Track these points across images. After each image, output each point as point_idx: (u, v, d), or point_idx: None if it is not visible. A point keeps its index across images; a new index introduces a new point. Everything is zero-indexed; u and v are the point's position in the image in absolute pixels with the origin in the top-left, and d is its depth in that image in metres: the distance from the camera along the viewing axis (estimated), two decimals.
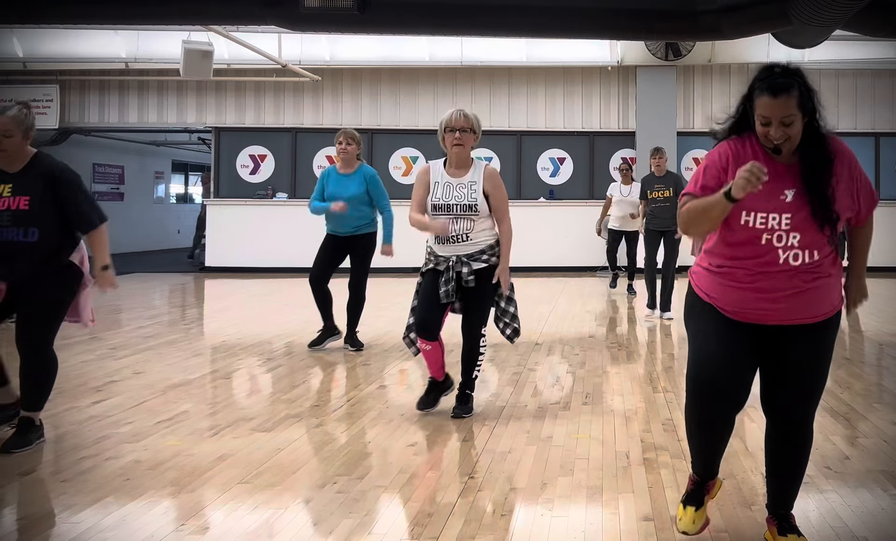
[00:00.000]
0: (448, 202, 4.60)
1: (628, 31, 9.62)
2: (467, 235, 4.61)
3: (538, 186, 14.72)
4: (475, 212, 4.60)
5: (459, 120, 4.64)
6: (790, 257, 2.67)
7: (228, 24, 10.70)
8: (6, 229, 3.91)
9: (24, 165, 4.03)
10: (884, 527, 3.12)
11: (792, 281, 2.69)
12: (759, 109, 2.66)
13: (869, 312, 9.28)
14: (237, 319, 8.90)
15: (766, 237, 2.68)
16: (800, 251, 2.67)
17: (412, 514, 3.24)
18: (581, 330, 8.10)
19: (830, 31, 9.05)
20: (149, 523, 3.14)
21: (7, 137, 3.97)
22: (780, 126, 2.63)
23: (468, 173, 4.66)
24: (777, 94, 2.62)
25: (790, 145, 2.68)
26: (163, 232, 21.01)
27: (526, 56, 14.06)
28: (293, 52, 13.51)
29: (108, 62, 14.05)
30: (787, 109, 2.62)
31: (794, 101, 2.63)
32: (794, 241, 2.67)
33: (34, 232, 3.94)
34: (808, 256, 2.68)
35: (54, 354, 4.16)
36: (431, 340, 4.62)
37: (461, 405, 4.70)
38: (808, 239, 2.67)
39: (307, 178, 14.50)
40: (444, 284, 4.57)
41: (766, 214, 2.67)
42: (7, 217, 3.91)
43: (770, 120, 2.64)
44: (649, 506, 3.32)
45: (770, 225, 2.67)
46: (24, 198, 3.93)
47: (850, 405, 4.98)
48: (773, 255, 2.68)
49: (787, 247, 2.67)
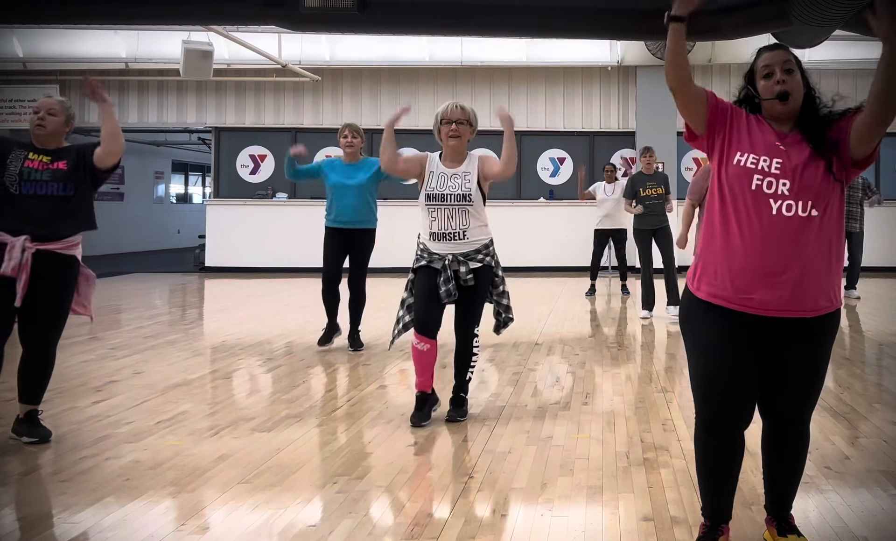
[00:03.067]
0: (442, 192, 4.55)
1: (628, 31, 9.62)
2: (463, 233, 4.54)
3: (538, 186, 14.73)
4: (469, 202, 4.53)
5: (455, 112, 4.60)
6: (783, 207, 2.62)
7: (228, 24, 10.70)
8: (47, 184, 4.14)
9: (60, 147, 4.28)
10: (884, 527, 3.12)
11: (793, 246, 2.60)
12: (760, 66, 2.78)
13: (869, 312, 9.29)
14: (237, 319, 8.90)
15: (756, 180, 2.65)
16: (792, 202, 2.62)
17: (412, 514, 3.24)
18: (581, 330, 8.10)
19: (830, 31, 9.04)
20: (149, 523, 3.14)
21: (51, 114, 4.22)
22: (783, 72, 2.73)
23: (463, 165, 4.63)
24: (774, 48, 2.81)
25: (794, 100, 2.72)
26: (163, 232, 21.03)
27: (526, 56, 14.07)
28: (293, 52, 13.51)
29: (108, 62, 14.05)
30: (786, 56, 2.76)
31: (792, 57, 2.78)
32: (784, 188, 2.63)
33: (71, 187, 4.17)
34: (801, 209, 2.62)
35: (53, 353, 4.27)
36: (430, 337, 4.53)
37: (455, 409, 4.63)
38: (798, 188, 2.62)
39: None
40: (443, 284, 4.50)
41: (757, 156, 2.68)
42: (48, 174, 4.16)
43: (772, 68, 2.75)
44: (649, 506, 3.32)
45: (760, 166, 2.65)
46: (62, 162, 4.19)
47: (850, 405, 4.98)
48: (764, 203, 2.63)
49: (778, 195, 2.63)
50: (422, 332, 4.52)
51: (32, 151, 4.19)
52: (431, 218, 4.57)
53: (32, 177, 4.11)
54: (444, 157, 4.67)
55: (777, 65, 2.74)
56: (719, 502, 2.83)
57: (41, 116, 4.20)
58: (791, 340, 2.71)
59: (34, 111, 4.25)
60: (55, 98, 4.37)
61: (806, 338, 2.72)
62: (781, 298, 2.64)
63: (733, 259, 2.67)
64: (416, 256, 4.64)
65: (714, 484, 2.82)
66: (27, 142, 4.25)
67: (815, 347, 2.74)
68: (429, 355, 4.55)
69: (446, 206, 4.54)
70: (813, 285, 2.66)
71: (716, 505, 2.83)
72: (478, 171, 4.60)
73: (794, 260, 2.62)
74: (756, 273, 2.64)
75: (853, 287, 10.41)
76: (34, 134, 4.23)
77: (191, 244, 18.38)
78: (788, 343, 2.72)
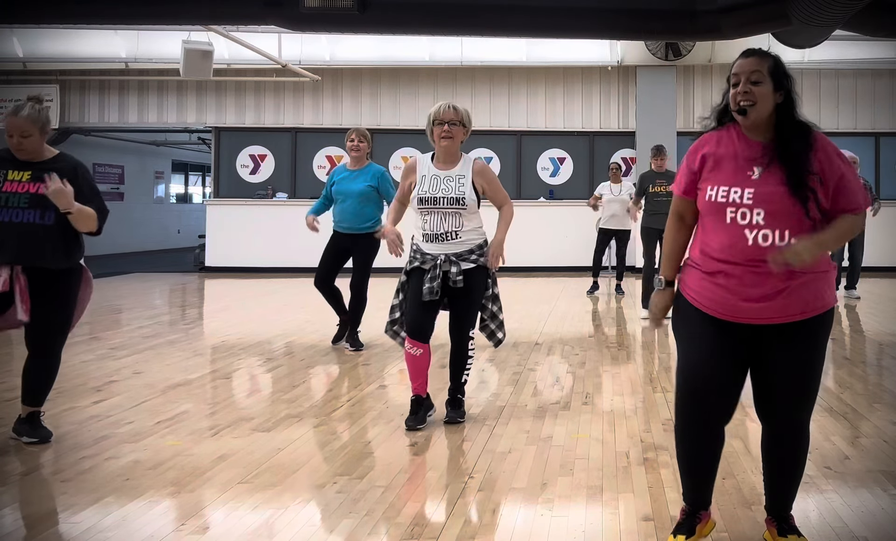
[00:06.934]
0: (435, 195, 4.46)
1: (628, 31, 9.62)
2: (456, 233, 4.45)
3: (538, 186, 14.72)
4: (463, 205, 4.43)
5: (448, 113, 4.50)
6: (759, 237, 2.60)
7: (228, 24, 10.70)
8: (24, 211, 3.99)
9: (46, 159, 4.12)
10: (884, 527, 3.12)
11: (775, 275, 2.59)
12: (731, 73, 2.73)
13: (869, 312, 9.28)
14: (237, 319, 8.90)
15: (730, 214, 2.63)
16: (768, 231, 2.60)
17: (412, 514, 3.24)
18: (581, 330, 8.10)
19: (830, 31, 9.06)
20: (149, 523, 3.14)
21: (25, 137, 4.03)
22: (748, 83, 2.66)
23: (456, 167, 4.52)
24: (748, 55, 2.74)
25: (757, 112, 2.66)
26: (163, 232, 21.02)
27: (526, 56, 14.07)
28: (293, 52, 13.51)
29: (108, 62, 14.06)
30: (755, 66, 2.69)
31: (766, 65, 2.70)
32: (759, 218, 2.60)
33: (51, 215, 4.01)
34: (778, 238, 2.59)
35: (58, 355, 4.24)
36: (423, 342, 4.48)
37: (454, 410, 4.60)
38: (774, 217, 2.59)
39: (307, 178, 14.52)
40: (428, 281, 4.41)
41: (727, 187, 2.65)
42: (25, 199, 4.00)
43: (739, 78, 2.69)
44: (649, 506, 3.32)
45: (732, 198, 2.63)
46: (43, 184, 3.99)
47: (850, 405, 4.98)
48: (740, 235, 2.62)
49: (753, 225, 2.60)
50: (414, 337, 4.47)
51: (13, 169, 4.03)
52: (424, 220, 4.50)
53: (10, 203, 3.96)
54: (437, 158, 4.57)
55: (744, 74, 2.68)
56: (697, 488, 2.86)
57: (16, 142, 4.01)
58: (782, 341, 2.69)
59: (8, 134, 4.00)
60: (21, 116, 4.00)
61: (797, 339, 2.69)
62: (765, 311, 2.65)
63: (716, 285, 2.68)
64: (409, 258, 4.58)
65: (692, 471, 2.84)
66: (9, 156, 4.08)
67: (807, 348, 2.71)
68: (422, 360, 4.50)
69: (439, 209, 4.45)
70: (799, 296, 2.65)
71: (694, 491, 2.86)
72: (472, 177, 4.50)
73: (777, 281, 2.61)
74: (738, 298, 2.65)
75: (853, 287, 10.40)
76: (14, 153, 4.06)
77: (191, 244, 18.38)
78: (779, 345, 2.69)
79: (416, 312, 4.48)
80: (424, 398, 4.57)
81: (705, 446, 2.80)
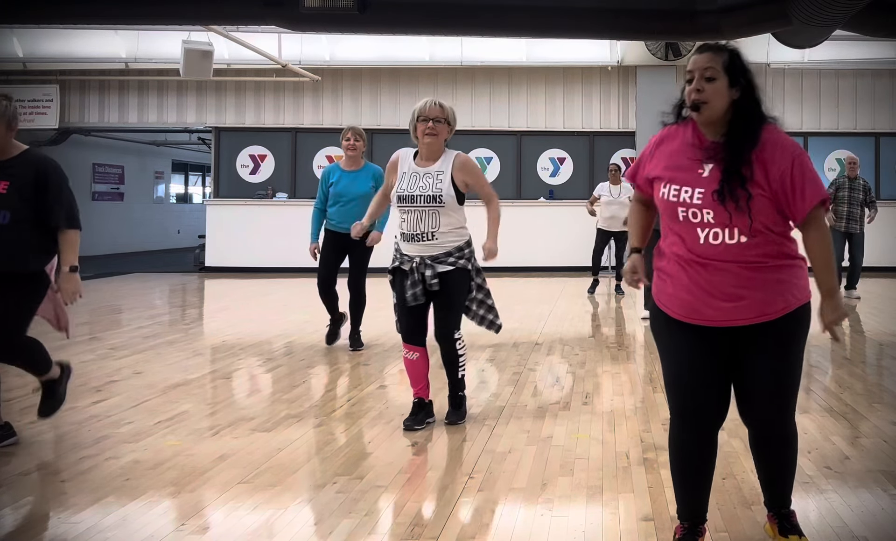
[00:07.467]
0: (412, 193, 4.33)
1: (628, 31, 9.62)
2: (433, 235, 4.32)
3: (538, 186, 14.73)
4: (440, 203, 4.30)
5: (434, 109, 4.38)
6: (710, 236, 2.59)
7: (228, 24, 10.70)
8: None
9: (12, 156, 4.01)
10: (884, 527, 3.12)
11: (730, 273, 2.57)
12: (686, 69, 2.71)
13: (869, 312, 9.28)
14: (237, 319, 8.90)
15: (681, 213, 2.62)
16: (719, 230, 2.58)
17: (412, 514, 3.24)
18: (581, 330, 8.10)
19: (830, 31, 9.05)
20: (149, 523, 3.14)
21: None
22: (701, 79, 2.63)
23: (436, 163, 4.39)
24: (703, 51, 2.70)
25: (710, 109, 2.62)
26: (163, 232, 21.03)
27: (526, 56, 14.07)
28: (293, 52, 13.51)
29: (108, 62, 14.07)
30: (708, 63, 2.64)
31: (720, 61, 2.65)
32: (709, 217, 2.58)
33: (5, 215, 3.90)
34: (728, 236, 2.57)
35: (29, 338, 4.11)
36: (418, 345, 4.45)
37: (454, 410, 4.59)
38: (721, 216, 2.56)
39: (307, 178, 14.51)
40: (410, 288, 4.35)
41: (679, 186, 2.63)
42: None
43: (693, 74, 2.66)
44: (649, 506, 3.32)
45: (682, 198, 2.61)
46: (4, 183, 3.91)
47: (850, 405, 4.98)
48: (692, 233, 2.61)
49: (704, 224, 2.59)
50: (407, 341, 4.46)
51: None
52: (402, 218, 4.42)
53: None
54: (419, 155, 4.48)
55: (697, 70, 2.65)
56: (695, 501, 2.83)
57: None
58: (755, 343, 2.66)
59: None
60: None
61: (769, 338, 2.65)
62: (727, 312, 2.63)
63: (677, 283, 2.68)
64: (392, 256, 4.52)
65: (689, 483, 2.81)
66: None
67: (780, 347, 2.66)
68: (419, 363, 4.48)
69: (416, 207, 4.34)
70: (758, 298, 2.61)
71: (692, 505, 2.83)
72: (452, 172, 4.37)
73: (732, 279, 2.59)
74: (696, 296, 2.64)
75: (853, 287, 10.40)
76: None
77: (191, 244, 18.39)
78: (753, 347, 2.66)
79: (404, 317, 4.46)
80: (426, 402, 4.56)
81: (703, 455, 2.78)
